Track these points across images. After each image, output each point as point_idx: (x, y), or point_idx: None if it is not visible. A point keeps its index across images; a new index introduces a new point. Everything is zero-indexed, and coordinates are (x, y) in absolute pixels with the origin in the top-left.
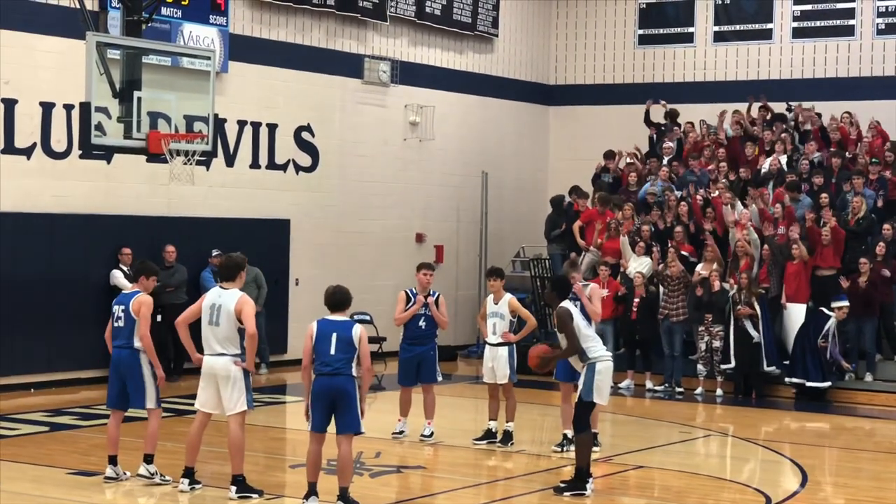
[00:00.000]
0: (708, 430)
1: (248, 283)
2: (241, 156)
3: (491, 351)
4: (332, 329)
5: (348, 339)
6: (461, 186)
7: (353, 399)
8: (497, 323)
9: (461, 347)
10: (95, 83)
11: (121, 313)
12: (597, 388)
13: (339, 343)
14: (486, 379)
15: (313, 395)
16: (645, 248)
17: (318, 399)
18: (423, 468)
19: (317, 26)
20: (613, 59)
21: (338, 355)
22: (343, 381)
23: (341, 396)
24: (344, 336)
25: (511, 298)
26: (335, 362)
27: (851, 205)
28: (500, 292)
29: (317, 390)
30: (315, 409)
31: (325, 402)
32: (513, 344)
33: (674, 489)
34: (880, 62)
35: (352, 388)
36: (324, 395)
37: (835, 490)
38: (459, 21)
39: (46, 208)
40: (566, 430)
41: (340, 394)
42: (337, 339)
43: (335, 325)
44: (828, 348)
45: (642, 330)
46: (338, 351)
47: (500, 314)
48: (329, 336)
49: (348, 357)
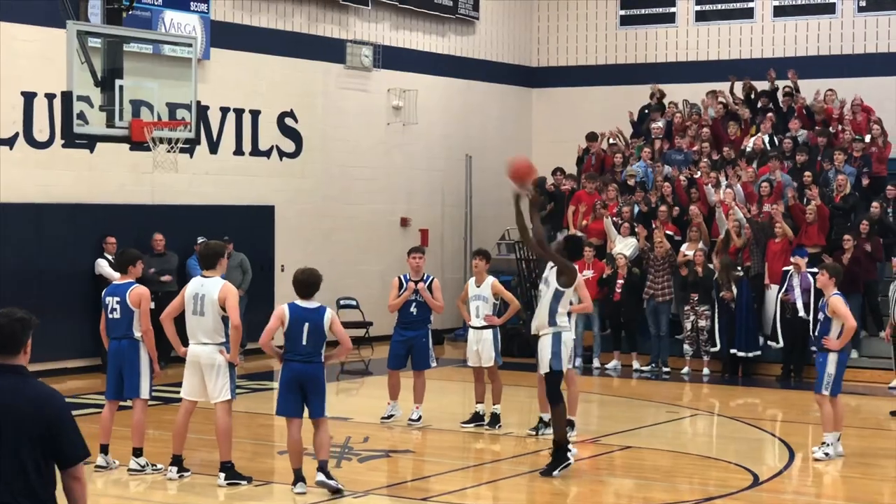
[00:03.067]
0: (695, 409)
1: (234, 268)
2: (225, 143)
3: (475, 334)
4: (305, 318)
5: (320, 329)
6: (445, 170)
7: (321, 384)
8: (480, 306)
9: (448, 331)
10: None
11: (116, 305)
12: (563, 359)
13: (311, 333)
14: (470, 363)
15: (284, 381)
16: (629, 228)
17: (289, 385)
18: (411, 452)
19: (298, 11)
20: (595, 40)
21: (309, 345)
22: (313, 368)
23: (311, 382)
24: (316, 326)
25: (493, 281)
26: (306, 351)
27: (836, 182)
28: (482, 275)
29: (287, 376)
30: (287, 394)
31: (295, 387)
32: (497, 327)
33: (662, 469)
34: (861, 39)
35: (321, 374)
36: (294, 381)
37: (821, 467)
38: (441, 4)
39: (30, 198)
40: (543, 413)
41: (310, 379)
42: (309, 329)
43: (307, 312)
44: (790, 301)
45: (626, 311)
46: (309, 341)
47: (484, 297)
48: (301, 325)
49: (319, 345)
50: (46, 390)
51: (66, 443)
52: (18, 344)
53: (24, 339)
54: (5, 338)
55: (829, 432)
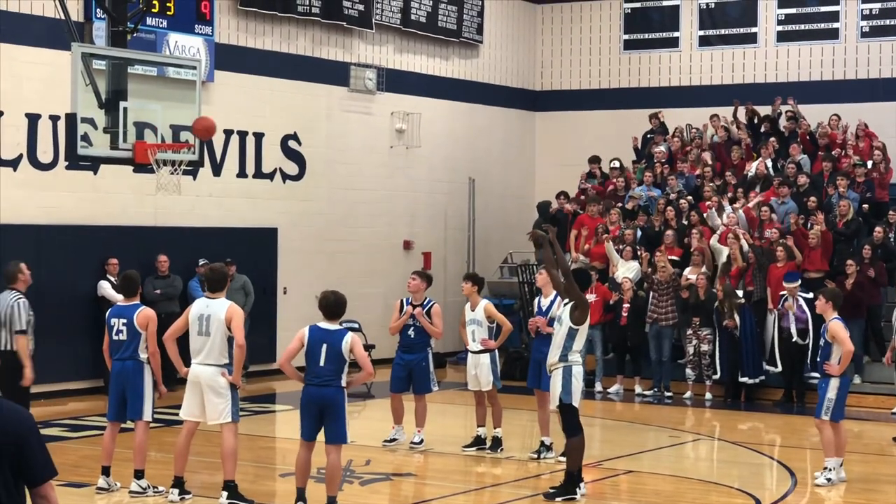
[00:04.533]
0: (697, 433)
1: (236, 291)
2: (228, 165)
3: (473, 358)
4: (323, 339)
5: (338, 351)
6: (448, 193)
7: (340, 410)
8: (476, 330)
9: (450, 354)
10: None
11: (122, 326)
12: (574, 391)
13: (329, 354)
14: (470, 387)
15: (302, 404)
16: (632, 252)
17: (307, 408)
18: (413, 475)
19: (302, 34)
20: (599, 64)
21: (327, 367)
22: (331, 392)
23: (329, 407)
24: (334, 347)
25: (486, 304)
26: (324, 374)
27: (838, 207)
28: (475, 298)
29: (305, 400)
30: (303, 418)
31: (313, 411)
32: (494, 350)
33: (664, 493)
34: (864, 65)
35: (339, 399)
36: (312, 405)
37: (823, 492)
38: (445, 28)
39: (33, 219)
40: (544, 436)
41: (328, 405)
42: (327, 350)
43: (326, 334)
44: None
45: (632, 335)
46: (327, 363)
47: (478, 321)
48: (319, 346)
49: (337, 368)
50: (13, 408)
51: (34, 461)
52: None
53: None
54: None
55: (831, 458)
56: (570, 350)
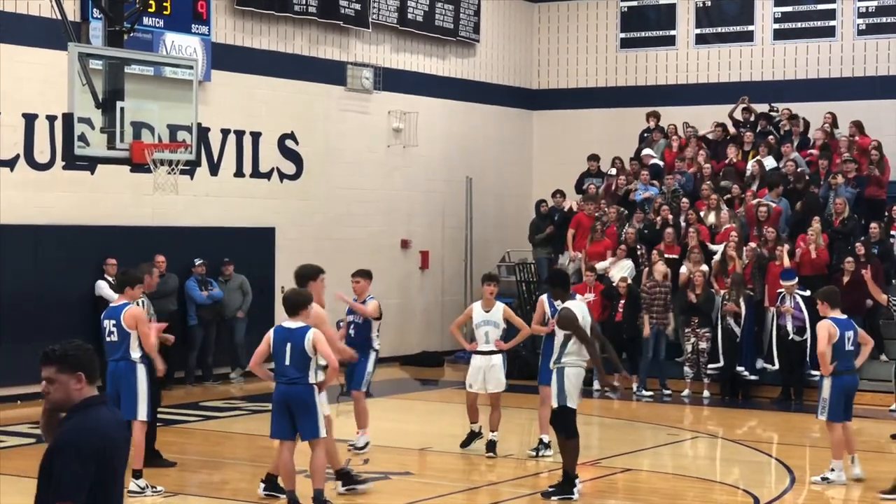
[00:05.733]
0: (695, 431)
1: (233, 290)
2: (225, 164)
3: (483, 359)
4: (287, 338)
5: (301, 349)
6: (445, 192)
7: (310, 407)
8: (490, 331)
9: (448, 353)
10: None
11: (112, 328)
12: (568, 393)
13: (293, 354)
14: (475, 388)
15: (273, 403)
16: (627, 251)
17: (277, 407)
18: (410, 474)
19: (299, 34)
20: (596, 62)
21: (292, 366)
22: (299, 390)
23: (297, 405)
24: (297, 346)
25: (504, 306)
26: (289, 373)
27: (834, 206)
28: (491, 300)
29: (275, 399)
30: (273, 416)
31: (283, 409)
32: (504, 352)
33: (662, 492)
34: (861, 63)
35: (308, 397)
36: (282, 403)
37: (821, 490)
38: (441, 27)
39: (30, 220)
40: (543, 434)
41: (297, 403)
42: (291, 349)
43: (289, 333)
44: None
45: (628, 329)
46: (292, 362)
47: (494, 322)
48: (284, 345)
49: (303, 366)
50: (74, 423)
51: (53, 478)
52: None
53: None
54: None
55: (835, 459)
56: (566, 352)
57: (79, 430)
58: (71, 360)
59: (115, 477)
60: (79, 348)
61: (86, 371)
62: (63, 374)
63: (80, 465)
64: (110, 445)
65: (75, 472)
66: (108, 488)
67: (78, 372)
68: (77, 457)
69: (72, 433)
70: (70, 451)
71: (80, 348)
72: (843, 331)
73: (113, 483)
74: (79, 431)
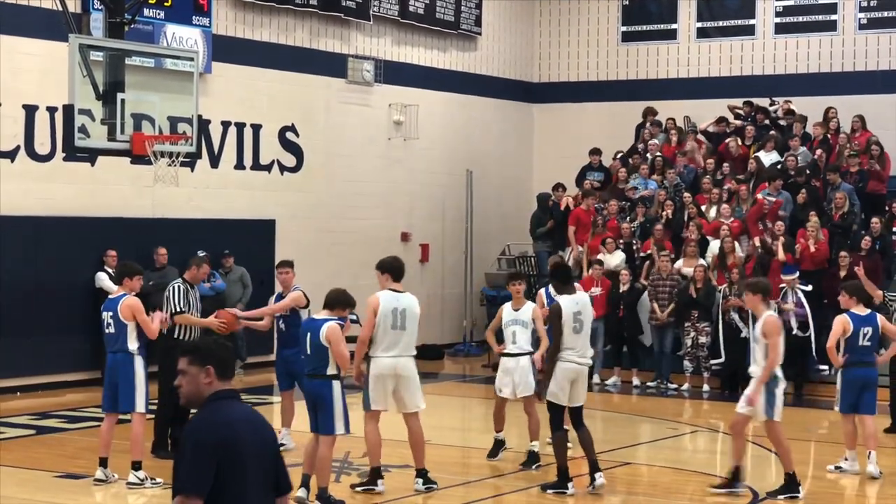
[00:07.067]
0: (695, 425)
1: (234, 282)
2: (226, 157)
3: (511, 361)
4: (308, 328)
5: (317, 342)
6: (446, 185)
7: (327, 401)
8: (518, 331)
9: (448, 346)
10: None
11: (110, 320)
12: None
13: (312, 345)
14: (505, 393)
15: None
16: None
17: (306, 399)
18: (410, 467)
19: (300, 26)
20: (597, 56)
21: (311, 357)
22: (318, 384)
23: (316, 398)
24: (314, 338)
25: (535, 307)
26: (310, 364)
27: (834, 200)
28: (521, 299)
29: (304, 391)
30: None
31: (309, 402)
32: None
33: (661, 485)
34: (863, 57)
35: (326, 391)
36: (307, 395)
37: (820, 484)
38: (443, 20)
39: (31, 211)
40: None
41: (315, 396)
42: (311, 340)
43: (313, 323)
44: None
45: (629, 326)
46: (311, 353)
47: (523, 322)
48: (305, 336)
49: (321, 358)
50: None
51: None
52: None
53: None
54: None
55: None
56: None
57: (201, 424)
58: (202, 352)
59: (244, 473)
60: (213, 342)
61: (216, 365)
62: (193, 365)
63: (197, 458)
64: (234, 441)
65: (193, 465)
66: (235, 484)
67: (208, 365)
68: (195, 450)
69: (194, 426)
70: (189, 444)
71: (215, 342)
72: (860, 326)
73: (242, 479)
74: (201, 425)
